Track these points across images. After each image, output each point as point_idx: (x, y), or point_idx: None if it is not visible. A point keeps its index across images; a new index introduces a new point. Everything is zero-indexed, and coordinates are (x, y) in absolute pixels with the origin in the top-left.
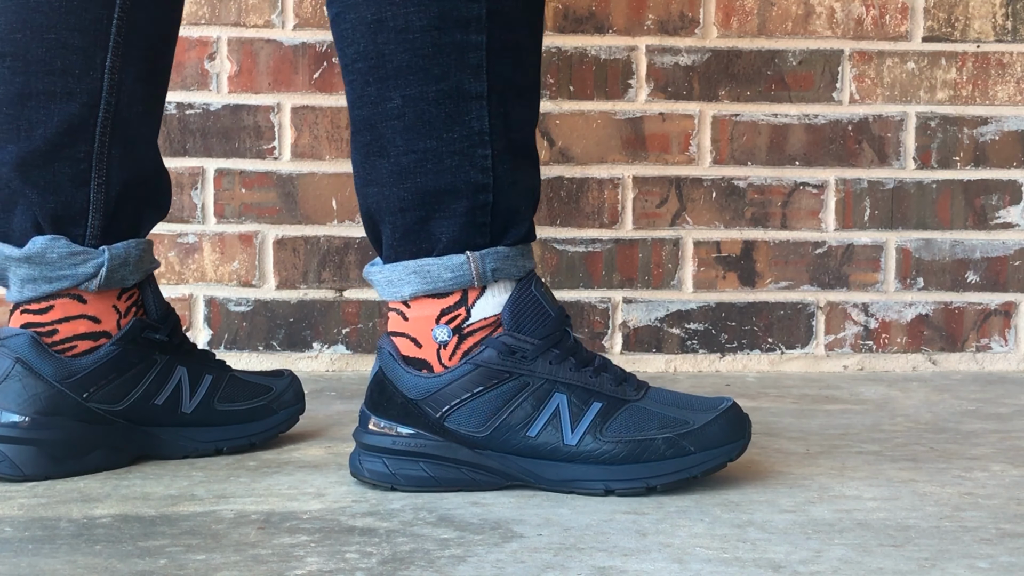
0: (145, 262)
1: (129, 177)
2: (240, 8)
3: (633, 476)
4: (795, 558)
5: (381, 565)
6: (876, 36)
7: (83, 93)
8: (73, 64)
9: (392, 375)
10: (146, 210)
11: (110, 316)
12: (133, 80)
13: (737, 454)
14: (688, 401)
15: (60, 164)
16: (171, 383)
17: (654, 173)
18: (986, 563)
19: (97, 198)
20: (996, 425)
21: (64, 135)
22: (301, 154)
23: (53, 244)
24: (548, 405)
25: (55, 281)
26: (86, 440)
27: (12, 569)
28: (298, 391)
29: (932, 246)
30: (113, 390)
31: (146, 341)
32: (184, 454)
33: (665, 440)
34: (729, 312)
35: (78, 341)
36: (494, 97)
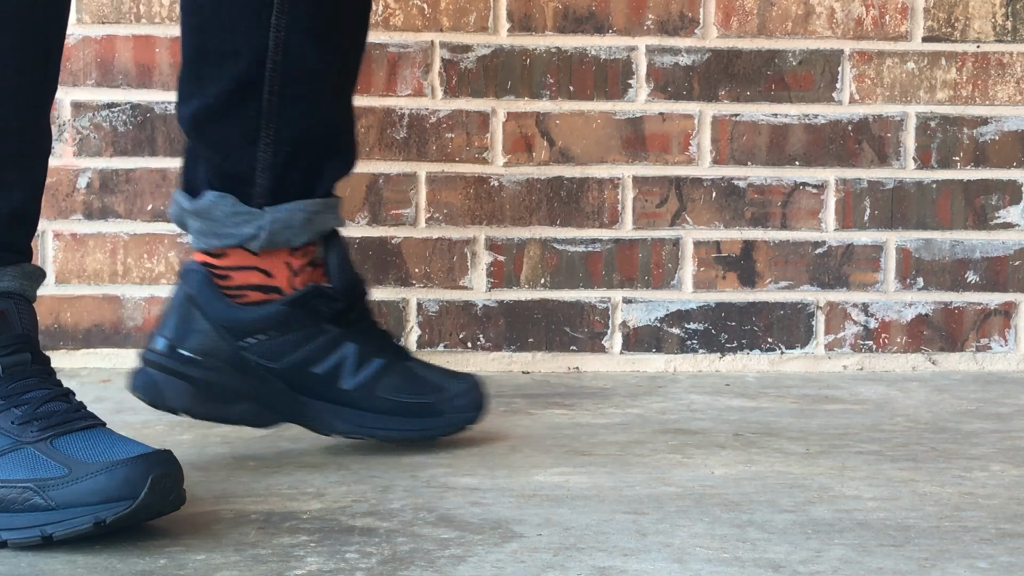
0: (317, 223)
1: (301, 135)
2: None
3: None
4: (795, 558)
5: (381, 565)
6: (876, 36)
7: (249, 51)
8: (239, 22)
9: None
10: (325, 167)
11: (281, 272)
12: (301, 37)
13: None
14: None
15: (231, 122)
16: (334, 356)
17: (654, 173)
18: (986, 563)
19: (265, 157)
20: (996, 425)
21: (234, 93)
22: None
23: (220, 201)
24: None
25: (222, 237)
26: (235, 389)
27: (12, 569)
28: (475, 400)
29: (932, 246)
30: (272, 347)
31: (317, 310)
32: (333, 432)
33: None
34: (729, 312)
35: (249, 291)
36: None
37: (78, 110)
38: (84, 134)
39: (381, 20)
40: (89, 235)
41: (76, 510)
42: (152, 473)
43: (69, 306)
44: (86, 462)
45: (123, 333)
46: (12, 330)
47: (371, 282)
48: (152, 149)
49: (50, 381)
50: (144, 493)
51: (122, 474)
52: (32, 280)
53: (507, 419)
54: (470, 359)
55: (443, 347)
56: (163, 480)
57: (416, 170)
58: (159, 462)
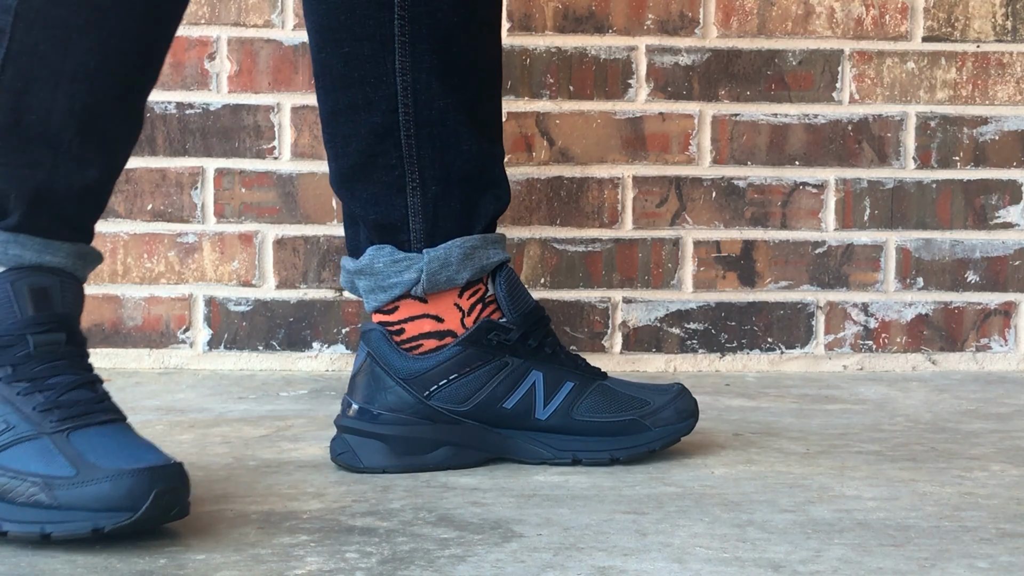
0: (477, 259)
1: (444, 174)
2: (240, 8)
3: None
4: (795, 558)
5: (381, 565)
6: (876, 36)
7: (381, 100)
8: (368, 73)
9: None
10: (478, 203)
11: (452, 314)
12: (428, 77)
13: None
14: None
15: (376, 174)
16: (522, 387)
17: (654, 173)
18: (986, 563)
19: (414, 202)
20: (996, 425)
21: (374, 145)
22: (301, 154)
23: (379, 253)
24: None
25: (388, 289)
26: (430, 438)
27: (12, 569)
28: (683, 408)
29: (932, 246)
30: (456, 390)
31: (493, 343)
32: (540, 460)
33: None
34: (729, 312)
35: (423, 340)
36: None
37: None
38: None
39: None
40: None
41: (77, 513)
42: (156, 487)
43: None
44: (95, 466)
45: (123, 333)
46: (52, 308)
47: None
48: (152, 149)
49: (80, 365)
50: (146, 507)
51: (126, 485)
52: (86, 261)
53: None
54: None
55: None
56: (166, 495)
57: None
58: (165, 476)
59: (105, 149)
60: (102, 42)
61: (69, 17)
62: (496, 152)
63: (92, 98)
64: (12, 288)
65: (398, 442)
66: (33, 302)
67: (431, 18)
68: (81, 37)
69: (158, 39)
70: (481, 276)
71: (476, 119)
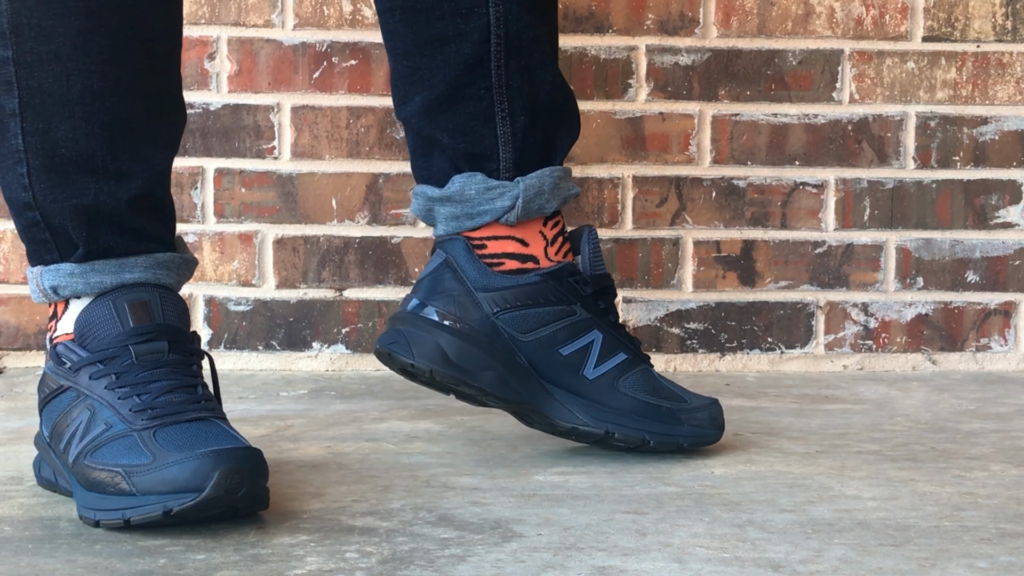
0: (562, 189)
1: (532, 105)
2: (240, 8)
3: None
4: (795, 558)
5: (381, 565)
6: (876, 36)
7: (473, 31)
8: (460, 5)
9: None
10: (557, 135)
11: (537, 241)
12: (518, 8)
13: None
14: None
15: (464, 104)
16: (582, 340)
17: (654, 173)
18: (986, 563)
19: (504, 131)
20: (996, 425)
21: (463, 76)
22: (301, 154)
23: (470, 181)
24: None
25: (476, 216)
26: (484, 354)
27: (12, 569)
28: (715, 418)
29: (932, 246)
30: (523, 318)
31: (570, 287)
32: (572, 425)
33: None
34: (729, 312)
35: (506, 259)
36: (29, 113)
37: None
38: None
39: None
40: None
41: (151, 497)
42: (221, 467)
43: None
44: (168, 452)
45: None
46: (152, 319)
47: (371, 282)
48: None
49: (181, 371)
50: (210, 486)
51: (192, 466)
52: (168, 269)
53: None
54: None
55: None
56: (232, 475)
57: None
58: (232, 457)
59: (140, 157)
60: (99, 63)
61: (60, 49)
62: (568, 85)
63: (108, 115)
64: (113, 304)
65: (455, 347)
66: (133, 315)
67: None
68: (77, 64)
69: (156, 42)
70: (563, 206)
71: (554, 52)
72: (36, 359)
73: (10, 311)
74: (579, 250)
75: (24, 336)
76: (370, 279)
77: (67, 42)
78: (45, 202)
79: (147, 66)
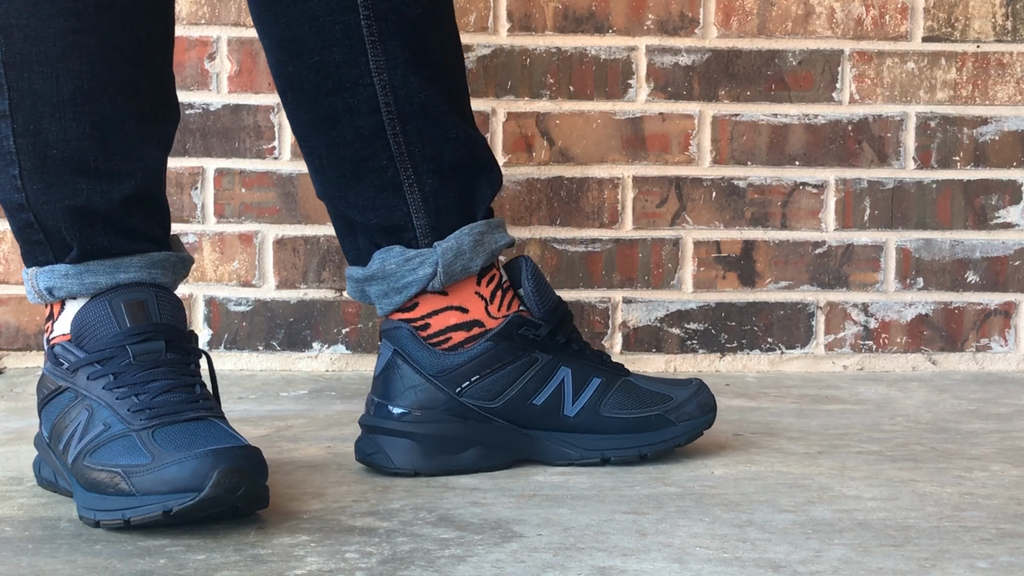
0: (487, 243)
1: (439, 166)
2: (240, 8)
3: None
4: (795, 558)
5: (381, 565)
6: (876, 36)
7: (361, 104)
8: (343, 79)
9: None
10: (475, 188)
11: (475, 303)
12: (404, 72)
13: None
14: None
15: (369, 178)
16: (551, 383)
17: (654, 173)
18: (986, 563)
19: (413, 198)
20: (996, 425)
21: (362, 150)
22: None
23: (388, 255)
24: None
25: (403, 290)
26: (461, 437)
27: (12, 569)
28: (704, 403)
29: (932, 246)
30: (488, 386)
31: (524, 338)
32: (568, 461)
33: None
34: (729, 312)
35: (451, 333)
36: (19, 115)
37: None
38: None
39: None
40: None
41: (151, 497)
42: (220, 467)
43: None
44: (167, 452)
45: None
46: (150, 319)
47: None
48: None
49: (179, 371)
50: (209, 486)
51: (191, 466)
52: (164, 268)
53: None
54: None
55: None
56: (231, 475)
57: None
58: (231, 457)
59: (133, 156)
60: (89, 63)
61: (49, 50)
62: (479, 136)
63: (99, 115)
64: (110, 305)
65: (429, 441)
66: (130, 315)
67: (396, 13)
68: (67, 65)
69: (147, 41)
70: (493, 261)
71: (456, 106)
72: (36, 359)
73: (10, 311)
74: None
75: (24, 336)
76: None
77: (56, 43)
78: (38, 203)
79: (138, 66)
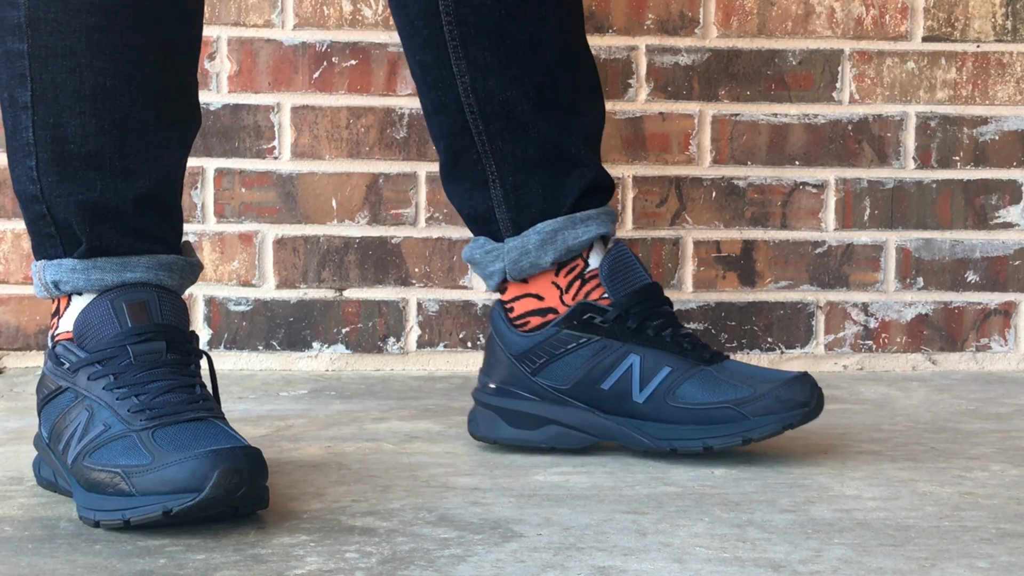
0: (561, 240)
1: (521, 163)
2: (240, 7)
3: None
4: (795, 558)
5: (381, 565)
6: (876, 36)
7: (451, 102)
8: (436, 78)
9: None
10: (563, 183)
11: (551, 293)
12: (484, 76)
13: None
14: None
15: (464, 170)
16: (619, 369)
17: (654, 173)
18: (986, 563)
19: (496, 193)
20: (996, 425)
21: (456, 143)
22: (301, 154)
23: (475, 246)
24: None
25: (489, 279)
26: (538, 414)
27: (12, 569)
28: (787, 398)
29: (932, 246)
30: (556, 369)
31: (589, 324)
32: (642, 448)
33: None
34: (729, 312)
35: (529, 317)
36: (41, 107)
37: None
38: None
39: (381, 20)
40: None
41: (151, 498)
42: (220, 467)
43: None
44: (167, 452)
45: None
46: (151, 319)
47: (371, 282)
48: None
49: (180, 371)
50: (209, 487)
51: (191, 467)
52: (171, 271)
53: None
54: (470, 359)
55: (443, 347)
56: (231, 475)
57: (416, 170)
58: (231, 458)
59: (149, 157)
60: (112, 61)
61: (74, 45)
62: (570, 128)
63: (119, 113)
64: (111, 305)
65: (509, 415)
66: (131, 315)
67: (477, 17)
68: (91, 61)
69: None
70: (570, 256)
71: (544, 102)
72: (36, 359)
73: (10, 311)
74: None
75: (24, 336)
76: (370, 279)
77: (82, 38)
78: (52, 196)
79: (162, 67)
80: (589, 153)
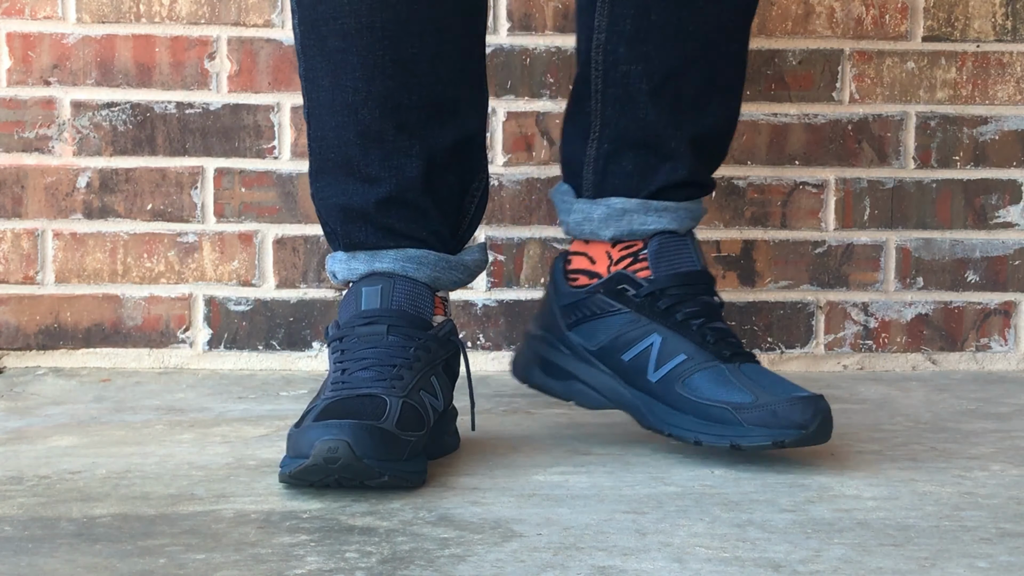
0: (627, 221)
1: (619, 135)
2: (240, 7)
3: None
4: (795, 558)
5: (381, 564)
6: (876, 36)
7: (583, 51)
8: (583, 23)
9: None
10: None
11: (602, 260)
12: (617, 40)
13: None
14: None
15: (577, 118)
16: (640, 345)
17: None
18: (986, 563)
19: (590, 153)
20: (996, 425)
21: (579, 90)
22: (301, 153)
23: (559, 190)
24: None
25: (561, 223)
26: (566, 367)
27: (12, 569)
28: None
29: (932, 246)
30: (587, 329)
31: (621, 295)
32: (667, 433)
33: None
34: (729, 312)
35: (579, 275)
36: (313, 121)
37: (78, 110)
38: (84, 134)
39: None
40: (89, 234)
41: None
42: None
43: (69, 305)
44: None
45: (123, 333)
46: (382, 304)
47: None
48: (152, 148)
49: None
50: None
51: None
52: (421, 264)
53: (507, 419)
54: (471, 358)
55: None
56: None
57: None
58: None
59: (389, 165)
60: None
61: (327, 67)
62: (682, 124)
63: (360, 126)
64: (354, 291)
65: (544, 362)
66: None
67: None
68: (337, 80)
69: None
70: (631, 238)
71: (665, 90)
72: (36, 359)
73: (10, 311)
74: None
75: (24, 336)
76: None
77: (331, 60)
78: (319, 198)
79: (400, 83)
80: (689, 153)
